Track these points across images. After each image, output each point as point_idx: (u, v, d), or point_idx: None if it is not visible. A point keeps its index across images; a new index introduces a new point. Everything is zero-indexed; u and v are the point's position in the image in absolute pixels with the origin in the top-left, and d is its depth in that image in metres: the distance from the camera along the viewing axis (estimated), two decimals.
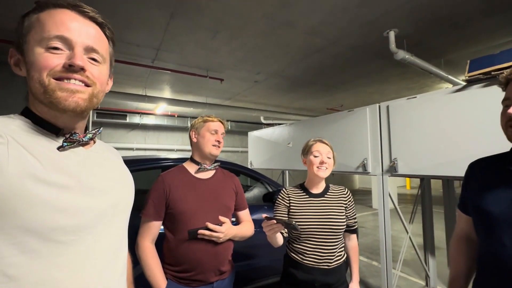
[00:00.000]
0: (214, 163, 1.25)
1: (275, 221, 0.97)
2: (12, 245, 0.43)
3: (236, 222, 1.30)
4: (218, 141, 1.20)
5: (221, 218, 1.11)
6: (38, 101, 0.51)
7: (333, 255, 1.18)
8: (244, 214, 1.31)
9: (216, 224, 1.08)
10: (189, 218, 1.08)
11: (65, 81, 0.50)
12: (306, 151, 1.30)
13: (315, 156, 1.24)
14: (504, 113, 0.76)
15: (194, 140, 1.22)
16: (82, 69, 0.51)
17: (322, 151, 1.24)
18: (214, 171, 1.25)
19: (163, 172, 1.19)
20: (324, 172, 1.22)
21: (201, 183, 1.18)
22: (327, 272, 1.15)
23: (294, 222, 0.95)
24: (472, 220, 0.83)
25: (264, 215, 0.99)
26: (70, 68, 0.49)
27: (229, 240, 1.16)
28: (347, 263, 1.28)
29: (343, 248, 1.25)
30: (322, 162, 1.22)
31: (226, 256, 1.16)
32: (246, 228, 1.25)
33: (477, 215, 0.81)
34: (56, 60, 0.49)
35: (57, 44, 0.49)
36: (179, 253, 1.08)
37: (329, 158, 1.24)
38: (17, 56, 0.52)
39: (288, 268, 1.23)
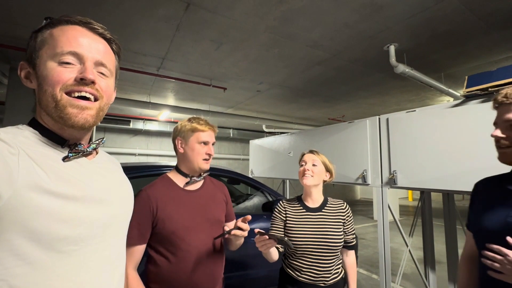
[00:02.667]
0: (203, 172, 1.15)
1: (267, 237, 0.93)
2: (17, 255, 0.44)
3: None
4: (209, 154, 1.08)
5: (247, 217, 0.97)
6: (46, 113, 0.53)
7: (330, 272, 1.16)
8: (233, 225, 1.27)
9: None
10: (182, 237, 0.98)
11: (76, 94, 0.52)
12: (299, 163, 1.33)
13: (301, 165, 1.27)
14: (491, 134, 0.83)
15: (181, 150, 1.08)
16: (93, 82, 0.53)
17: (307, 160, 1.26)
18: (203, 181, 1.15)
19: (146, 186, 1.04)
20: (308, 180, 1.21)
21: (191, 196, 1.07)
22: None
23: (286, 238, 0.92)
24: (474, 238, 0.86)
25: (256, 230, 0.95)
26: (82, 82, 0.52)
27: (221, 255, 1.10)
28: (345, 280, 1.25)
29: (340, 265, 1.23)
30: (305, 170, 1.23)
31: (220, 272, 1.10)
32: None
33: (476, 233, 0.85)
34: (68, 74, 0.51)
35: (69, 59, 0.52)
36: (171, 276, 0.97)
37: (315, 165, 1.24)
38: (28, 69, 0.54)
39: (284, 284, 1.21)
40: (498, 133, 0.78)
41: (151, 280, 1.00)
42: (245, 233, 0.97)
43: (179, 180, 1.09)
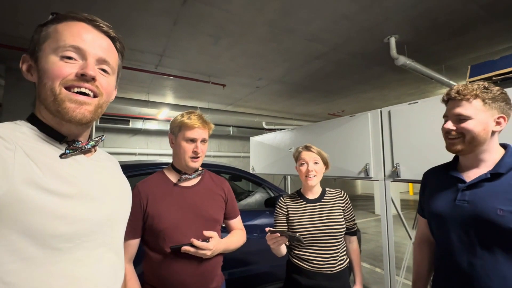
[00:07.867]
0: (196, 170, 1.08)
1: (279, 234, 0.96)
2: (11, 251, 0.43)
3: (227, 232, 1.18)
4: (195, 151, 1.02)
5: (207, 233, 0.97)
6: (45, 107, 0.53)
7: (336, 259, 1.18)
8: (236, 222, 1.19)
9: (202, 240, 0.94)
10: (171, 234, 0.95)
11: (76, 89, 0.51)
12: (296, 159, 1.31)
13: (302, 165, 1.26)
14: (442, 127, 0.88)
15: (172, 146, 1.07)
16: (93, 79, 0.53)
17: (307, 159, 1.25)
18: (200, 177, 1.11)
19: (140, 181, 1.03)
20: (313, 180, 1.23)
21: (185, 193, 1.03)
22: (330, 277, 1.15)
23: (298, 234, 0.95)
24: (428, 222, 0.96)
25: (267, 229, 0.97)
26: (82, 77, 0.51)
27: (218, 254, 1.03)
28: (350, 269, 1.27)
29: (345, 253, 1.25)
30: (308, 171, 1.23)
31: (215, 273, 1.03)
32: (237, 238, 1.12)
33: (430, 217, 0.93)
34: (69, 69, 0.51)
35: (71, 53, 0.51)
36: (161, 273, 0.95)
37: (316, 163, 1.25)
38: (29, 62, 0.54)
39: (291, 274, 1.22)
40: (450, 125, 0.84)
41: (147, 276, 0.98)
42: (201, 252, 0.92)
43: (173, 176, 1.06)
